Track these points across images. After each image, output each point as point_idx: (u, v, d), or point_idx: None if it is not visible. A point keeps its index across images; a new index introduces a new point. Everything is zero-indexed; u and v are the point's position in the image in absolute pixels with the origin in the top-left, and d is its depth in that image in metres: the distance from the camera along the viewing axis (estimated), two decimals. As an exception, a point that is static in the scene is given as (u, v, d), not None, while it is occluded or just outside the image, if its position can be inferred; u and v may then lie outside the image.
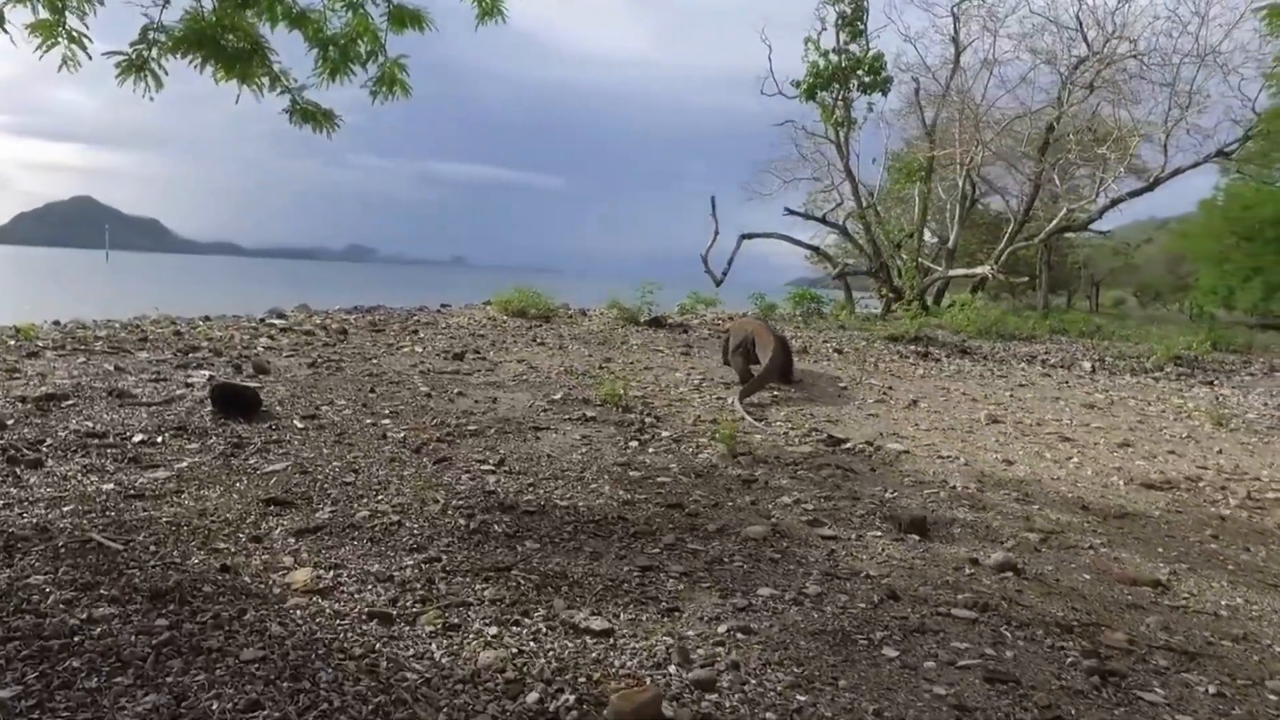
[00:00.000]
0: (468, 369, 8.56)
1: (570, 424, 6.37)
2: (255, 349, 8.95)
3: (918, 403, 8.39)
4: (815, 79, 20.63)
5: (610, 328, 13.53)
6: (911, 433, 7.01)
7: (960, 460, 6.12)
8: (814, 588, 3.53)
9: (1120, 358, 13.90)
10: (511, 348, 10.50)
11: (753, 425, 6.82)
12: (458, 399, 7.02)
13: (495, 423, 6.24)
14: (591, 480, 4.93)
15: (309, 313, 13.45)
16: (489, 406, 6.80)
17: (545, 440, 5.84)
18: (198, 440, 5.11)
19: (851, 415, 7.62)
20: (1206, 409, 9.44)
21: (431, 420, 6.16)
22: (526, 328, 12.87)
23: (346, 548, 3.58)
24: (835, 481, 5.28)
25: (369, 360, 8.73)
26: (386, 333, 11.25)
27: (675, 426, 6.57)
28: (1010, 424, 7.68)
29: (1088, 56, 18.68)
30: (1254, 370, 13.66)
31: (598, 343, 11.55)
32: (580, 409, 6.90)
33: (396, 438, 5.53)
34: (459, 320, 13.25)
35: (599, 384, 8.10)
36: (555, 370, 8.83)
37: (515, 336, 11.63)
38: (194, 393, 6.33)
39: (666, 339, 12.64)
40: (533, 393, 7.51)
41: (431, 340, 10.69)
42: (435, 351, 9.67)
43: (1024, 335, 16.08)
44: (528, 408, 6.86)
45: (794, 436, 6.57)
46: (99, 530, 3.53)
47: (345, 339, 10.30)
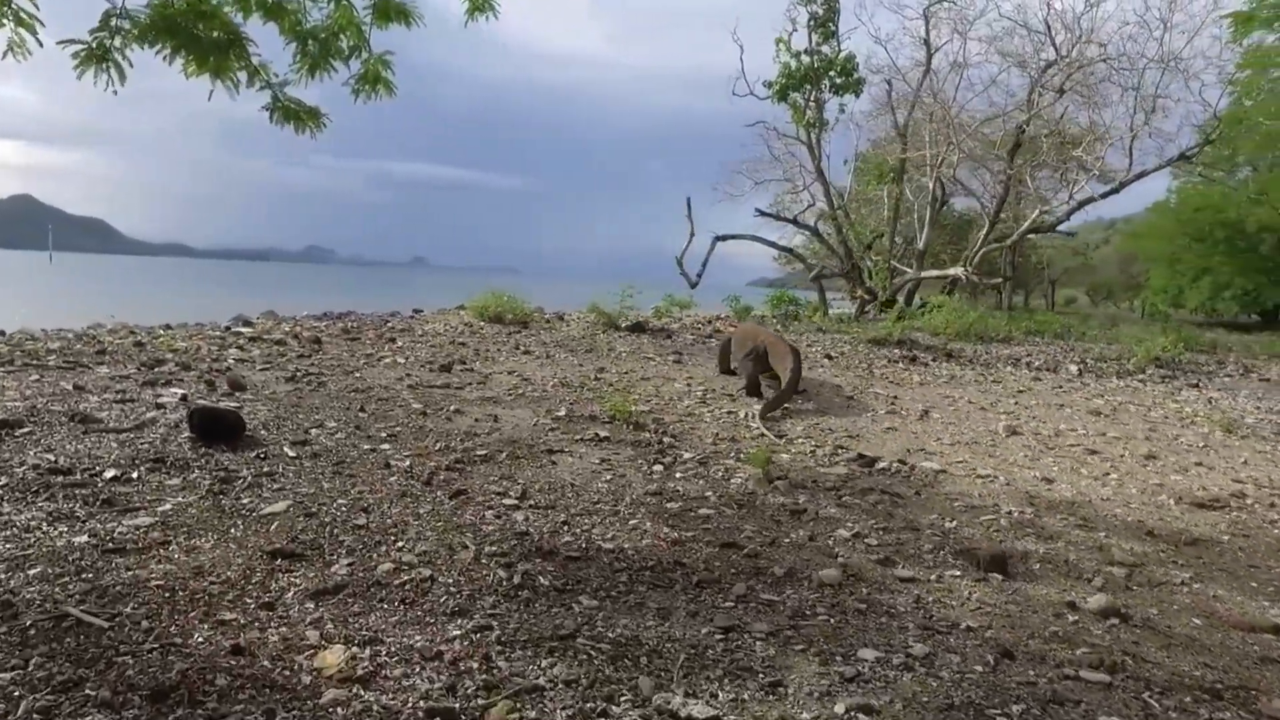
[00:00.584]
0: (458, 382, 7.95)
1: (584, 445, 5.83)
2: (226, 361, 8.23)
3: (929, 413, 8.00)
4: (788, 80, 20.30)
5: (591, 333, 12.99)
6: (937, 448, 6.61)
7: (1000, 480, 5.72)
8: (918, 646, 3.06)
9: (1101, 360, 13.77)
10: (497, 357, 9.90)
11: (774, 442, 6.36)
12: (456, 417, 6.43)
13: (503, 445, 5.67)
14: (628, 514, 4.40)
15: (276, 320, 12.66)
16: (491, 426, 6.23)
17: (563, 465, 5.29)
18: (179, 474, 4.46)
19: (868, 429, 7.20)
20: (1208, 414, 9.24)
21: (434, 444, 5.57)
22: (506, 334, 12.27)
23: (376, 614, 3.00)
24: (886, 509, 4.83)
25: (351, 373, 8.07)
26: (363, 341, 10.56)
27: (694, 446, 6.07)
28: (1029, 435, 7.33)
29: (1056, 60, 18.66)
30: (1230, 371, 13.64)
31: (584, 350, 11.00)
32: (589, 427, 6.36)
33: (402, 466, 4.93)
34: (435, 327, 12.59)
35: (600, 398, 7.57)
36: (550, 382, 8.27)
37: (497, 345, 11.03)
38: (167, 415, 5.65)
39: (653, 345, 12.13)
40: (533, 409, 6.95)
41: (412, 349, 10.03)
42: (419, 362, 9.03)
43: (1001, 337, 15.92)
44: (533, 426, 6.30)
45: (821, 455, 6.11)
46: (76, 601, 2.90)
47: (320, 349, 9.61)
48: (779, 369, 8.38)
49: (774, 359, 8.47)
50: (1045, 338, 16.86)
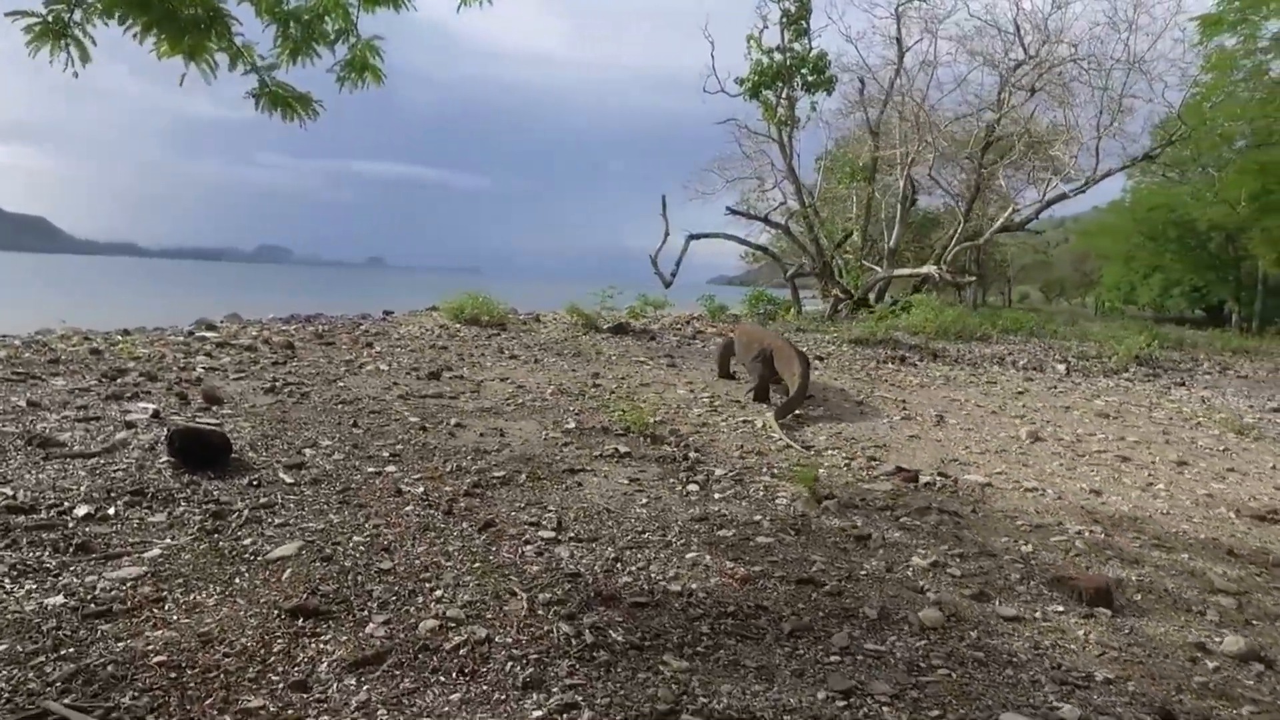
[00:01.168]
0: (450, 391, 7.35)
1: (605, 463, 5.30)
2: (195, 370, 7.51)
3: (944, 419, 7.62)
4: (760, 77, 19.95)
5: (573, 336, 12.45)
6: (969, 457, 6.21)
7: (1049, 493, 5.33)
8: (1066, 708, 2.61)
9: (1083, 358, 13.64)
10: (484, 363, 9.30)
11: (803, 455, 5.90)
12: (459, 432, 5.85)
13: (518, 464, 5.12)
14: (680, 545, 3.89)
15: (242, 323, 11.86)
16: (499, 441, 5.66)
17: (590, 487, 4.76)
18: (163, 509, 3.83)
19: (891, 436, 6.79)
20: (1209, 415, 9.06)
21: (443, 464, 4.99)
22: (486, 338, 11.66)
23: (434, 691, 2.45)
24: (950, 531, 4.39)
25: (334, 383, 7.42)
26: (338, 346, 9.87)
27: (722, 461, 5.57)
28: (1053, 441, 6.99)
29: (1025, 60, 18.58)
30: (1208, 369, 13.61)
31: (572, 354, 10.44)
32: (605, 441, 5.83)
33: (415, 492, 4.35)
34: (410, 330, 11.91)
35: (604, 407, 7.05)
36: (547, 390, 7.71)
37: (480, 349, 10.42)
38: (139, 435, 4.97)
39: (641, 348, 11.62)
40: (538, 420, 6.39)
41: (393, 355, 9.38)
42: (404, 369, 8.40)
43: (979, 335, 15.75)
44: (543, 441, 5.74)
45: (857, 468, 5.66)
46: (59, 692, 2.30)
47: (295, 355, 8.90)
48: (786, 374, 7.94)
49: (780, 364, 8.03)
50: (1020, 335, 16.76)
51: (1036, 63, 18.19)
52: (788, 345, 8.19)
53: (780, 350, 8.11)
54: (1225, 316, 31.00)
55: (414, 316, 14.25)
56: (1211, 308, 31.79)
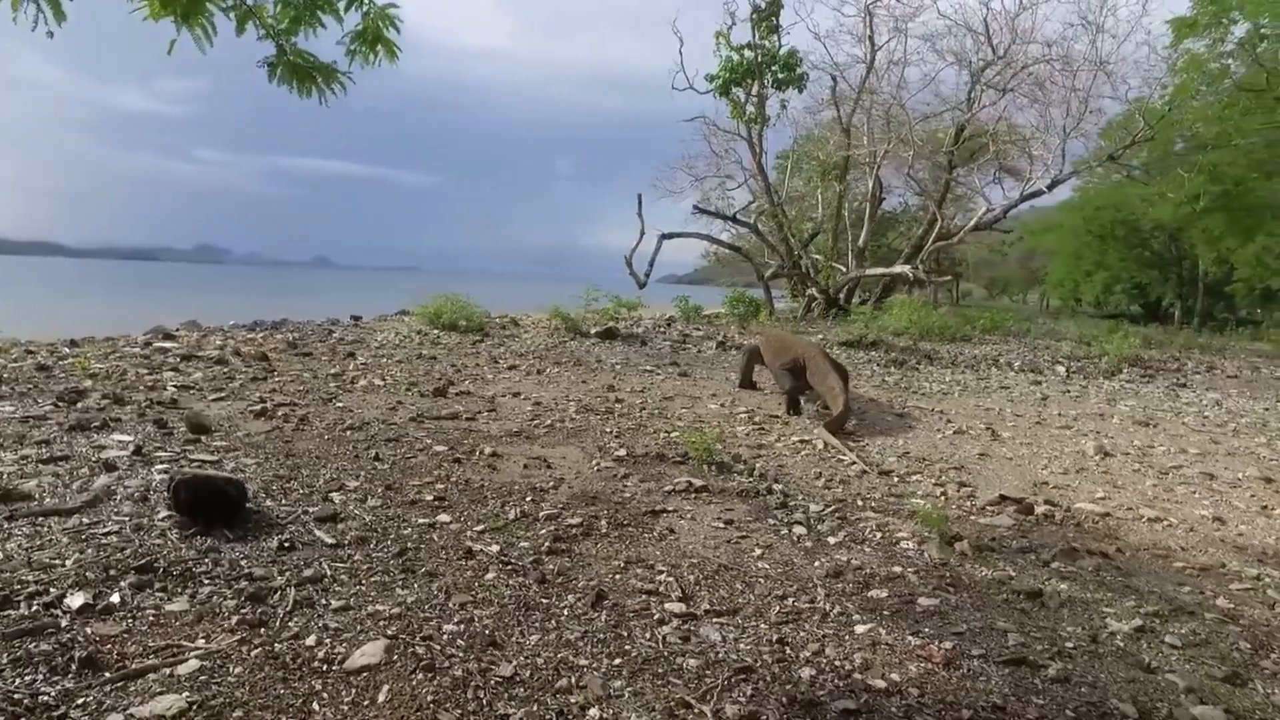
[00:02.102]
0: (465, 410, 6.45)
1: (684, 500, 4.50)
2: (166, 390, 6.46)
3: (996, 432, 7.01)
4: (731, 73, 19.33)
5: (560, 342, 11.60)
6: (1055, 479, 5.58)
7: (1175, 524, 4.69)
8: None
9: (1073, 359, 13.35)
10: (484, 375, 8.40)
11: (882, 478, 5.21)
12: (498, 463, 4.98)
13: (586, 505, 4.29)
14: (840, 616, 3.12)
15: (202, 331, 10.67)
16: (550, 475, 4.81)
17: (684, 534, 3.96)
18: (183, 591, 2.90)
19: (958, 454, 6.14)
20: (1236, 419, 8.72)
21: (501, 507, 4.13)
22: (470, 344, 10.74)
23: None
24: (1118, 580, 3.70)
25: (330, 402, 6.45)
26: (317, 357, 8.85)
27: (807, 492, 4.82)
28: (1122, 456, 6.42)
29: (994, 60, 18.35)
30: (1195, 369, 13.45)
31: (572, 363, 9.60)
32: (668, 472, 5.04)
33: (489, 552, 3.49)
34: (387, 337, 10.91)
35: (642, 427, 6.27)
36: (569, 407, 6.87)
37: (470, 358, 9.51)
38: (125, 482, 3.99)
39: (641, 355, 10.84)
40: (580, 447, 5.56)
41: (382, 367, 8.41)
42: (402, 383, 7.45)
43: (961, 336, 15.40)
44: (599, 473, 4.92)
45: (955, 497, 4.98)
46: None
47: (272, 368, 7.88)
48: (820, 386, 7.27)
49: (813, 375, 7.35)
50: (998, 335, 16.49)
51: (1006, 62, 17.97)
52: (821, 355, 7.51)
53: (813, 360, 7.44)
54: (1163, 313, 31.72)
55: (385, 322, 13.20)
56: (1150, 304, 32.50)
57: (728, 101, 20.24)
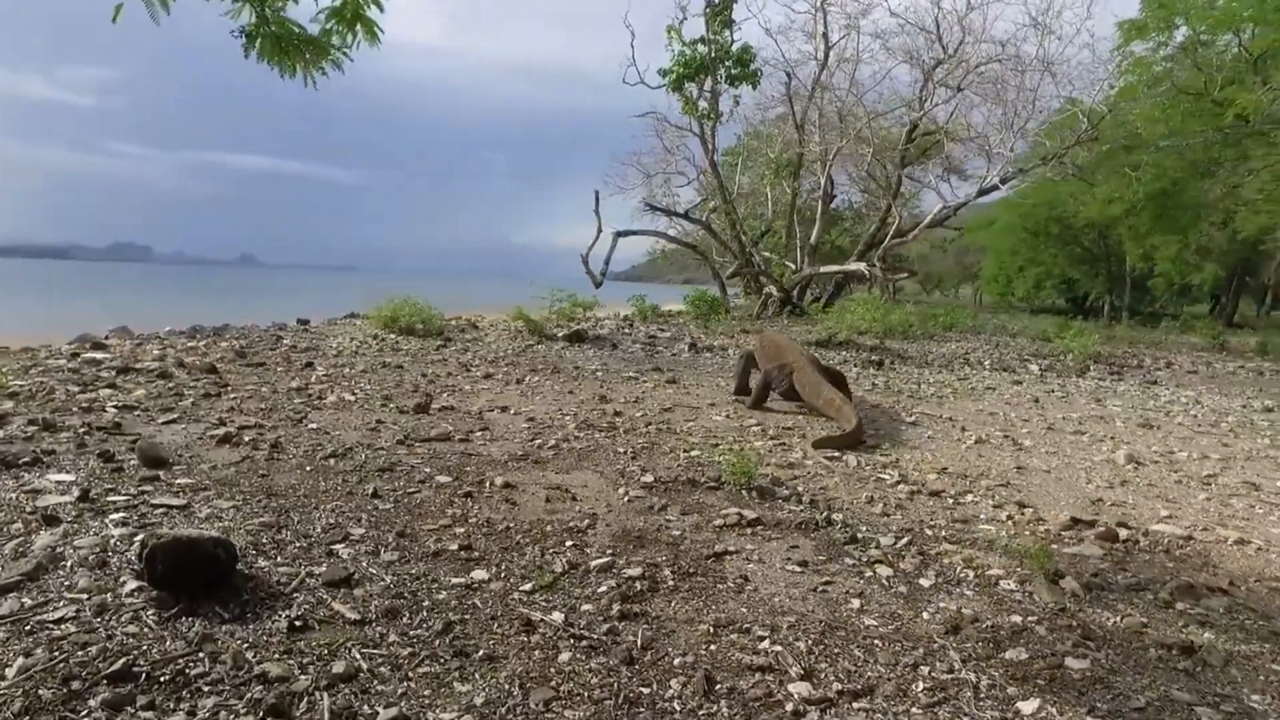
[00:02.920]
0: (455, 430, 5.72)
1: (743, 538, 3.89)
2: (104, 409, 5.57)
3: (1016, 441, 6.63)
4: (685, 68, 18.81)
5: (527, 346, 10.90)
6: (1108, 495, 5.17)
7: (1263, 547, 4.34)
8: None
9: (1040, 356, 13.27)
10: (461, 386, 7.67)
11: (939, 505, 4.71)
12: (516, 496, 4.30)
13: (634, 545, 3.66)
14: (990, 688, 2.55)
15: (136, 339, 9.58)
16: (578, 510, 4.16)
17: (761, 583, 3.34)
18: (178, 708, 2.17)
19: (997, 468, 5.70)
20: (1223, 418, 8.60)
21: (541, 555, 3.47)
22: (434, 350, 9.97)
23: None
24: (1261, 625, 3.23)
25: (301, 423, 5.65)
26: (271, 368, 7.96)
27: (872, 524, 4.25)
28: (1154, 466, 6.07)
29: (945, 58, 18.29)
30: (1158, 366, 13.50)
31: (549, 370, 8.92)
32: (707, 501, 4.43)
33: (552, 622, 2.83)
34: (342, 343, 10.03)
35: (654, 447, 5.66)
36: (568, 423, 6.21)
37: (439, 367, 8.75)
38: (73, 542, 3.18)
39: (615, 359, 10.22)
40: (597, 471, 4.90)
41: (345, 378, 7.59)
42: (374, 397, 6.67)
43: (924, 334, 15.23)
44: (630, 505, 4.28)
45: (1022, 521, 4.50)
46: None
47: (224, 382, 6.99)
48: (813, 401, 6.79)
49: (805, 388, 6.87)
50: (957, 333, 16.42)
51: (958, 61, 17.91)
52: (812, 364, 7.04)
53: (802, 371, 6.95)
54: (1088, 307, 32.60)
55: (335, 326, 12.24)
56: (1076, 299, 33.38)
57: (679, 97, 19.74)
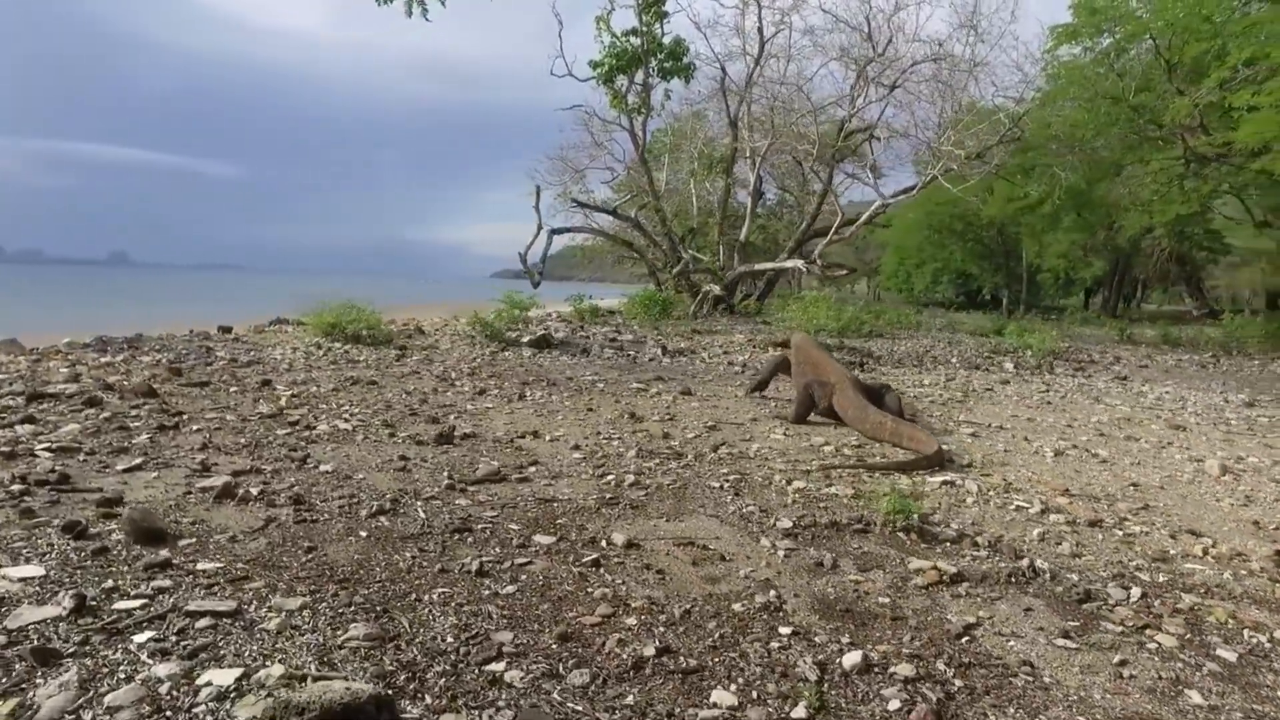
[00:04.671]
0: (502, 465, 4.63)
1: (961, 600, 3.04)
2: (33, 455, 4.19)
3: (1089, 450, 6.12)
4: (617, 61, 17.85)
5: (493, 354, 9.77)
6: (1254, 515, 4.67)
7: None
8: None
9: (1000, 353, 13.12)
10: (454, 404, 6.54)
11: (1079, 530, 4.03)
12: (651, 560, 3.28)
13: (854, 625, 2.75)
14: None
15: (31, 354, 7.79)
16: (738, 575, 3.19)
17: (1058, 676, 2.51)
18: None
19: (1103, 485, 5.08)
20: (1227, 416, 8.48)
21: (773, 657, 2.53)
22: (395, 361, 8.72)
23: None
24: None
25: (306, 464, 4.43)
26: (220, 388, 6.58)
27: (1071, 568, 3.50)
28: (1250, 476, 5.67)
29: (875, 57, 18.10)
30: (1112, 362, 13.52)
31: (544, 383, 7.86)
32: (875, 550, 3.55)
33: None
34: (287, 355, 8.62)
35: (747, 479, 4.77)
36: (619, 450, 5.22)
37: (409, 380, 7.56)
38: (101, 696, 2.01)
39: (603, 366, 9.23)
40: (713, 517, 3.93)
41: (319, 399, 6.32)
42: (372, 423, 5.47)
43: (876, 333, 14.91)
44: (789, 562, 3.35)
45: (1213, 553, 3.88)
46: None
47: (173, 408, 5.62)
48: (860, 425, 5.99)
49: (848, 410, 6.12)
50: (904, 330, 16.22)
51: (891, 60, 17.75)
52: (854, 385, 6.30)
53: (845, 393, 6.20)
54: (982, 301, 33.79)
55: (266, 334, 10.65)
56: (970, 293, 34.56)
57: (607, 90, 18.80)
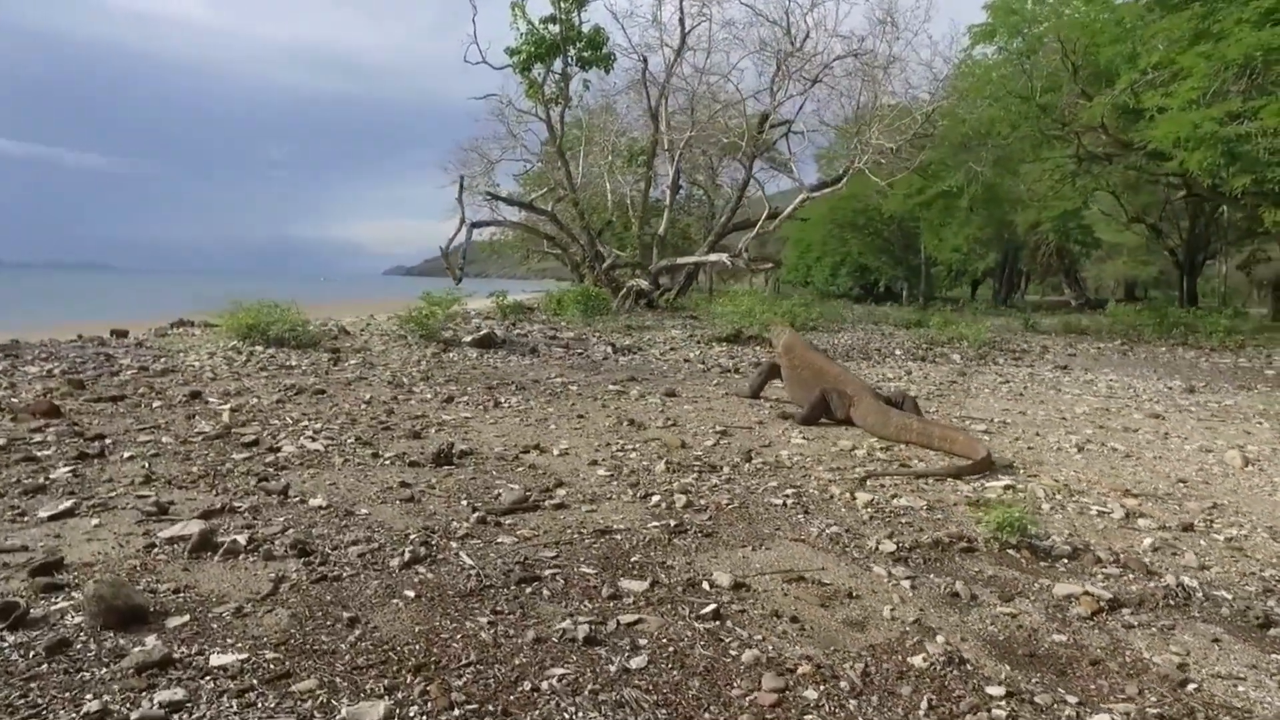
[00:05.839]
0: (525, 488, 3.92)
1: (1138, 634, 2.57)
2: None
3: (1108, 445, 5.89)
4: (535, 49, 17.05)
5: (436, 354, 8.92)
6: None
7: None
8: None
9: (935, 344, 13.13)
10: (429, 416, 5.72)
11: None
12: (778, 604, 2.67)
13: (1052, 677, 2.26)
14: None
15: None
16: (880, 618, 2.64)
17: None
18: None
19: (1151, 483, 4.83)
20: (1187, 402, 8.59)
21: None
22: (333, 366, 7.80)
23: None
24: None
25: (288, 497, 3.59)
26: (138, 402, 5.61)
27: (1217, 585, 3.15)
28: (1255, 462, 5.56)
29: (794, 51, 18.00)
30: (1043, 352, 13.59)
31: (512, 387, 7.09)
32: (1002, 574, 3.07)
33: None
34: (204, 361, 7.53)
35: (804, 494, 4.23)
36: (643, 465, 4.57)
37: (362, 388, 6.69)
38: None
39: (560, 367, 8.52)
40: (800, 541, 3.35)
41: (266, 415, 5.38)
42: (345, 442, 4.62)
43: (811, 327, 14.72)
44: (920, 594, 2.82)
45: None
46: None
47: (89, 431, 4.60)
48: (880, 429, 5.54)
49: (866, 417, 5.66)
50: (833, 323, 16.13)
51: (810, 55, 17.69)
52: (869, 392, 5.87)
53: (864, 401, 5.74)
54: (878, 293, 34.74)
55: (170, 338, 9.36)
56: (868, 285, 35.46)
57: (524, 80, 17.97)
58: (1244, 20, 11.91)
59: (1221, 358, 12.90)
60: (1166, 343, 15.26)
